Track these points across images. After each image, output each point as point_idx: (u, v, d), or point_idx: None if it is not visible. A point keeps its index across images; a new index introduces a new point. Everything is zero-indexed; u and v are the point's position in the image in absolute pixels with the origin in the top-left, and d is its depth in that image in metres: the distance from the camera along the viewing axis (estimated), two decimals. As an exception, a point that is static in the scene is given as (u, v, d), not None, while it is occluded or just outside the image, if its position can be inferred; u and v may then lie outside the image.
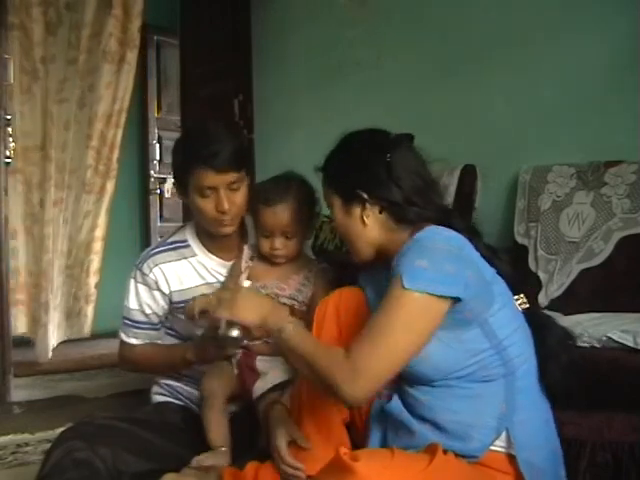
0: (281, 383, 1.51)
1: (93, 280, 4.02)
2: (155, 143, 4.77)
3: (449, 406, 1.18)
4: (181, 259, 1.67)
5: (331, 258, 2.08)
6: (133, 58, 3.93)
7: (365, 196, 1.28)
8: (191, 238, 1.69)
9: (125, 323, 1.70)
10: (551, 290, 2.14)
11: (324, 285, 1.57)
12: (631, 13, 2.18)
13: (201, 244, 1.68)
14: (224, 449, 1.47)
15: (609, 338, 1.64)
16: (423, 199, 1.28)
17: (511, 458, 1.16)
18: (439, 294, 1.12)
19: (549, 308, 2.02)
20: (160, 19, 4.39)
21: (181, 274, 1.66)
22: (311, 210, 1.58)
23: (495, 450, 1.17)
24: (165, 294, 1.67)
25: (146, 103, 4.72)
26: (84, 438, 1.43)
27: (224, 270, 1.66)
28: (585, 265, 2.12)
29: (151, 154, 4.75)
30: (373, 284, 1.39)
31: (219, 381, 1.53)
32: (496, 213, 2.52)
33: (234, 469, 1.38)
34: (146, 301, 1.67)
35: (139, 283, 1.67)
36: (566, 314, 1.88)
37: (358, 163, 1.31)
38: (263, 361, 1.52)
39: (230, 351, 1.51)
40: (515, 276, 1.28)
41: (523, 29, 2.48)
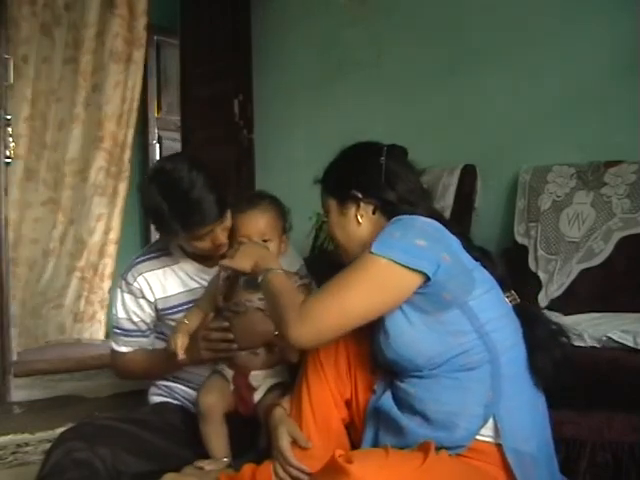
0: (281, 383, 1.52)
1: (107, 284, 3.99)
2: (155, 143, 4.75)
3: (438, 397, 1.19)
4: (164, 267, 1.69)
5: (331, 258, 2.08)
6: (140, 57, 3.93)
7: (359, 195, 1.33)
8: (172, 245, 1.70)
9: (115, 332, 1.72)
10: (551, 290, 2.15)
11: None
12: (631, 13, 2.19)
13: (182, 251, 1.69)
14: (226, 460, 1.49)
15: (609, 338, 1.64)
16: (415, 200, 1.32)
17: (501, 450, 1.17)
18: (404, 264, 1.15)
19: (549, 308, 2.03)
20: (160, 19, 4.37)
21: (164, 282, 1.68)
22: (283, 221, 1.60)
23: (484, 440, 1.17)
24: (151, 302, 1.68)
25: (146, 103, 4.70)
26: (84, 438, 1.44)
27: (206, 275, 1.67)
28: (585, 265, 2.12)
29: (151, 154, 4.74)
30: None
31: (216, 395, 1.52)
32: (496, 213, 2.52)
33: (230, 473, 1.39)
34: (133, 309, 1.68)
35: (125, 292, 1.69)
36: (566, 314, 1.88)
37: (353, 166, 1.37)
38: (256, 376, 1.52)
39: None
40: (506, 277, 1.30)
41: (523, 29, 2.48)
